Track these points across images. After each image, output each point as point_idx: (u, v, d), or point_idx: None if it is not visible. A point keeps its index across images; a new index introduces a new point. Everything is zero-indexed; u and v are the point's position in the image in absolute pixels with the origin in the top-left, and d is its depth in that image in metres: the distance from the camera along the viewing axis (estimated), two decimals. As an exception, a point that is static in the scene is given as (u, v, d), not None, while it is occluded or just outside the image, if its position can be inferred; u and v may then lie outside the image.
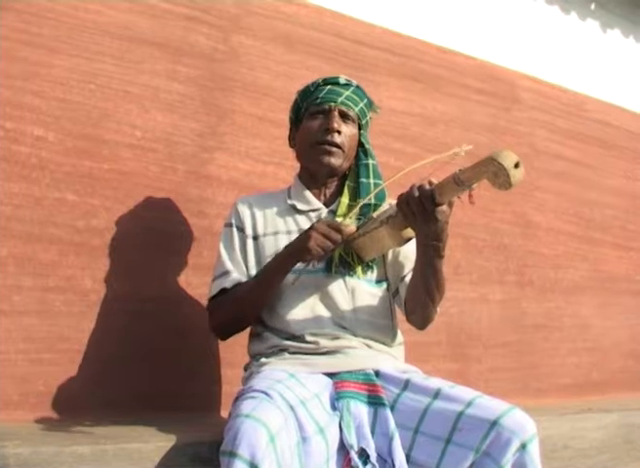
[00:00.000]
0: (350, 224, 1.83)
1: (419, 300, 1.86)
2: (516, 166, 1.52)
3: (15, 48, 2.19)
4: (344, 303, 1.91)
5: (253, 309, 1.93)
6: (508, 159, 1.52)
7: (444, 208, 1.66)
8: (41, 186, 2.18)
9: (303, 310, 1.90)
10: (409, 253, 1.98)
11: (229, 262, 1.98)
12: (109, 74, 2.35)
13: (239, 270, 1.97)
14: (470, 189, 1.61)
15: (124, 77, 2.38)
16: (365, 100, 2.06)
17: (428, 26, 3.30)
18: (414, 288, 1.87)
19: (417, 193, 1.66)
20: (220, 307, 1.97)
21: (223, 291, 1.96)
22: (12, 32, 2.19)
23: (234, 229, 2.03)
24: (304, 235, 1.80)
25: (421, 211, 1.66)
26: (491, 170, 1.53)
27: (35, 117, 2.19)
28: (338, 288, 1.92)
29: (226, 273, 1.97)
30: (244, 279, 1.95)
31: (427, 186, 1.65)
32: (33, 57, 2.22)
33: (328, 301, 1.91)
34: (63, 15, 2.29)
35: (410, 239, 1.82)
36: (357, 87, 2.06)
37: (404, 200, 1.69)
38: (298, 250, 1.81)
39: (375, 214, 1.88)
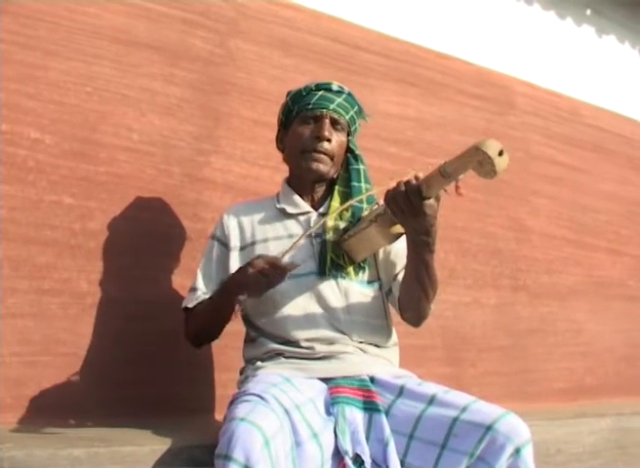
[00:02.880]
0: (289, 263, 1.77)
1: (412, 297, 1.87)
2: (500, 154, 1.53)
3: (11, 50, 2.19)
4: (338, 305, 1.92)
5: (211, 328, 2.02)
6: (492, 147, 1.53)
7: (431, 202, 1.67)
8: (37, 189, 2.18)
9: (297, 314, 1.90)
10: (400, 251, 1.99)
11: (200, 278, 2.04)
12: (106, 77, 2.35)
13: (209, 285, 2.02)
14: (457, 181, 1.62)
15: (121, 80, 2.38)
16: (355, 108, 2.07)
17: (425, 31, 3.32)
18: (407, 284, 1.87)
19: (403, 188, 1.67)
20: (186, 323, 2.06)
21: (187, 308, 2.03)
22: (8, 34, 2.19)
23: (215, 242, 2.06)
24: (242, 270, 1.81)
25: (409, 206, 1.67)
26: (476, 159, 1.54)
27: (32, 120, 2.20)
28: (330, 290, 1.93)
29: (193, 290, 2.04)
30: (209, 295, 1.99)
31: (414, 181, 1.67)
32: (29, 59, 2.22)
33: (321, 304, 1.91)
34: (60, 17, 2.29)
35: (400, 235, 1.83)
36: (349, 94, 2.06)
37: (391, 196, 1.70)
38: (236, 285, 1.84)
39: (363, 215, 1.90)
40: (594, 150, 3.96)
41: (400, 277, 1.95)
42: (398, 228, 1.81)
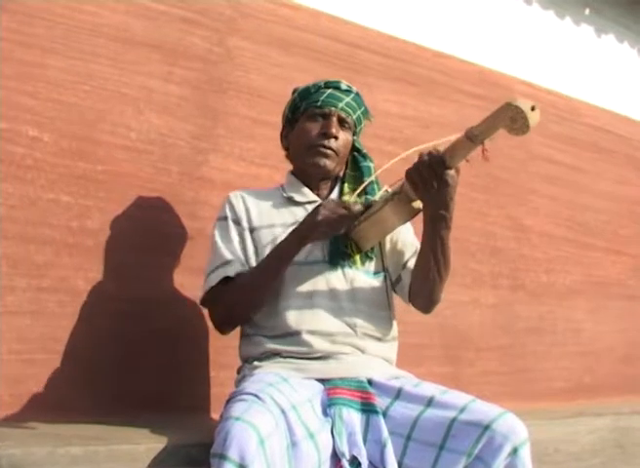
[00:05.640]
0: (358, 202, 1.85)
1: (427, 278, 1.88)
2: (532, 109, 1.54)
3: (9, 48, 2.18)
4: (344, 294, 1.92)
5: (260, 296, 1.89)
6: (525, 103, 1.55)
7: (453, 172, 1.71)
8: (35, 187, 2.17)
9: (302, 302, 1.89)
10: (407, 239, 2.02)
11: (228, 252, 1.94)
12: (104, 75, 2.35)
13: (239, 261, 1.94)
14: (483, 144, 1.63)
15: (119, 78, 2.38)
16: (362, 108, 2.08)
17: (424, 30, 3.31)
18: (422, 264, 1.88)
19: (427, 158, 1.69)
20: (223, 296, 1.91)
21: (226, 280, 1.91)
22: (6, 33, 2.18)
23: (230, 222, 2.00)
24: (313, 213, 1.83)
25: (433, 176, 1.69)
26: (508, 115, 1.56)
27: (30, 118, 2.19)
28: (336, 278, 1.93)
29: (227, 263, 1.92)
30: (245, 269, 1.93)
31: (434, 152, 1.70)
32: (28, 57, 2.21)
33: (326, 292, 1.91)
34: (59, 16, 2.28)
35: (417, 212, 1.84)
36: (357, 94, 2.07)
37: (414, 167, 1.72)
38: (306, 228, 1.83)
39: (374, 200, 1.90)
40: (593, 150, 3.95)
41: (409, 264, 1.97)
42: (415, 205, 1.82)
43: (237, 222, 2.00)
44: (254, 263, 1.95)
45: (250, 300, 1.90)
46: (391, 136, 3.07)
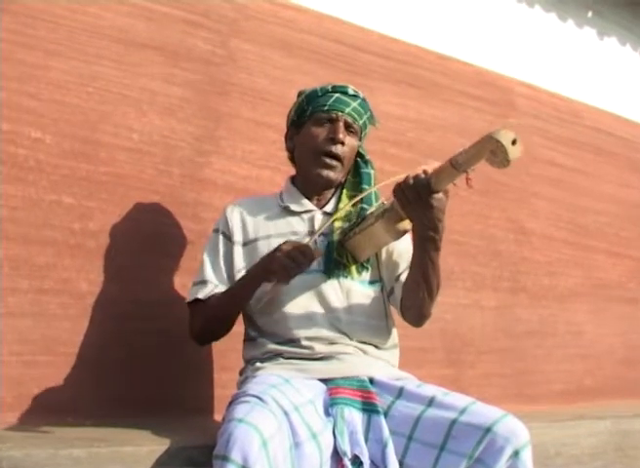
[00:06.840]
0: (317, 248, 1.81)
1: (416, 295, 1.87)
2: (514, 143, 1.53)
3: (11, 50, 2.19)
4: (340, 305, 1.92)
5: (225, 321, 1.99)
6: (506, 136, 1.53)
7: (440, 195, 1.69)
8: (38, 188, 2.18)
9: (299, 312, 1.90)
10: (403, 251, 2.00)
11: (210, 270, 2.01)
12: (107, 77, 2.35)
13: (219, 278, 2.00)
14: (467, 172, 1.62)
15: (122, 80, 2.38)
16: (368, 114, 2.08)
17: (426, 33, 3.32)
18: (411, 283, 1.87)
19: (412, 181, 1.68)
20: (194, 317, 2.02)
21: (197, 300, 1.99)
22: (9, 34, 2.19)
23: (220, 236, 2.04)
24: (269, 256, 1.82)
25: (417, 199, 1.68)
26: (489, 148, 1.54)
27: (32, 119, 2.19)
28: (332, 289, 1.93)
29: (203, 282, 2.00)
30: (221, 287, 1.98)
31: (422, 175, 1.68)
32: (30, 59, 2.22)
33: (323, 303, 1.92)
34: (61, 17, 2.29)
35: (406, 231, 1.84)
36: (363, 99, 2.07)
37: (400, 189, 1.71)
38: (262, 271, 1.85)
39: (369, 213, 1.90)
40: (595, 152, 3.96)
41: (403, 277, 1.95)
42: (405, 224, 1.81)
43: (227, 237, 2.04)
44: (237, 278, 1.98)
45: (216, 324, 2.00)
46: (394, 138, 3.07)
